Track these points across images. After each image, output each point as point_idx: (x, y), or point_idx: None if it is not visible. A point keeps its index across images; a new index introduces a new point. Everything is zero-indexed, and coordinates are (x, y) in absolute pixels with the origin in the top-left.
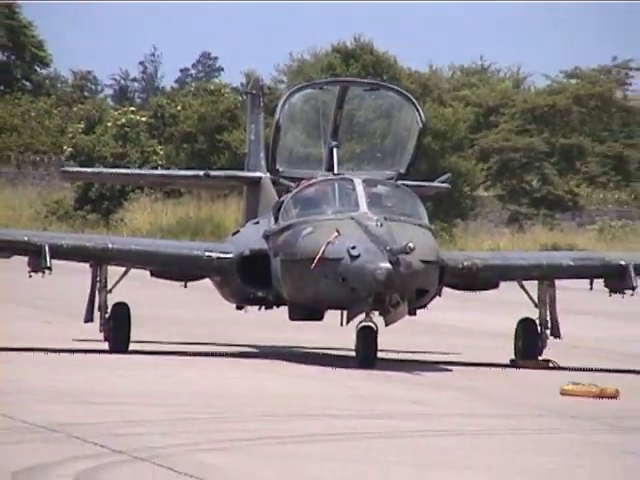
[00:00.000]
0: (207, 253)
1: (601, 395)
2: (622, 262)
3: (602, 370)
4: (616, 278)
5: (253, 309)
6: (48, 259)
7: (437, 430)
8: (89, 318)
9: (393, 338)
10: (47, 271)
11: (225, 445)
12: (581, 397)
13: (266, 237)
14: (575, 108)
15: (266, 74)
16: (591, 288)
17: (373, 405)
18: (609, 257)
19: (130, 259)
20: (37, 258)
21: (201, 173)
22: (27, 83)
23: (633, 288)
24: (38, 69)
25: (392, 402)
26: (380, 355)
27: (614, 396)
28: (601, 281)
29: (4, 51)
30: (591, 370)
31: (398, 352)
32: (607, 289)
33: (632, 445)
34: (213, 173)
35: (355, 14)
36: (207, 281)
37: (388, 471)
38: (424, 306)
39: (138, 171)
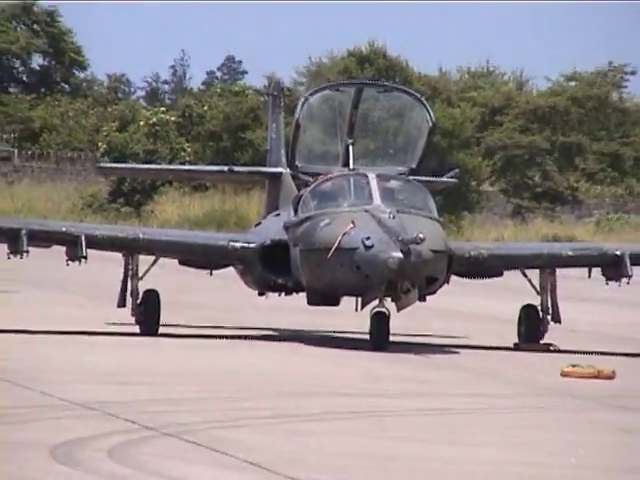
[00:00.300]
0: (231, 243)
1: (598, 376)
2: (618, 252)
3: (599, 353)
4: (612, 267)
5: (274, 295)
6: (84, 248)
7: (445, 408)
8: (121, 303)
9: (404, 322)
10: (83, 260)
11: (246, 422)
12: (580, 378)
13: (286, 228)
14: (574, 109)
15: (286, 76)
16: (589, 276)
17: (385, 385)
18: (606, 247)
19: (160, 249)
20: (74, 248)
21: (226, 169)
22: (66, 86)
23: (628, 276)
24: (76, 73)
25: (403, 382)
26: (392, 338)
27: (611, 377)
28: (598, 270)
29: (45, 56)
30: (589, 353)
31: (409, 335)
32: (604, 277)
33: (627, 422)
34: (237, 169)
35: (370, 21)
36: (231, 269)
37: (398, 446)
38: (433, 292)
39: (167, 167)
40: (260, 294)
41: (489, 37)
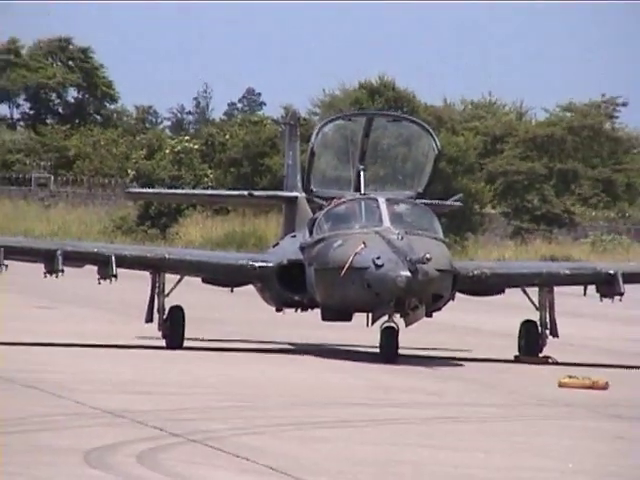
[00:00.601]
0: (251, 262)
1: (593, 386)
2: (611, 271)
3: (594, 365)
4: (606, 285)
5: (290, 311)
6: (114, 268)
7: (451, 417)
8: (149, 319)
9: (413, 337)
10: (113, 278)
11: (266, 429)
12: (576, 388)
13: (302, 249)
14: (570, 138)
15: (302, 107)
16: (585, 294)
17: (395, 395)
18: (600, 267)
19: (184, 268)
20: (105, 267)
21: (246, 193)
22: (98, 117)
23: (621, 294)
24: (108, 105)
25: (411, 392)
26: (401, 352)
27: (604, 387)
28: (593, 287)
29: (79, 90)
30: (585, 365)
31: (417, 349)
32: (598, 294)
33: (620, 430)
34: (256, 193)
35: (379, 56)
36: (250, 287)
37: (409, 453)
38: (439, 309)
39: (191, 191)
40: (277, 310)
41: (491, 70)
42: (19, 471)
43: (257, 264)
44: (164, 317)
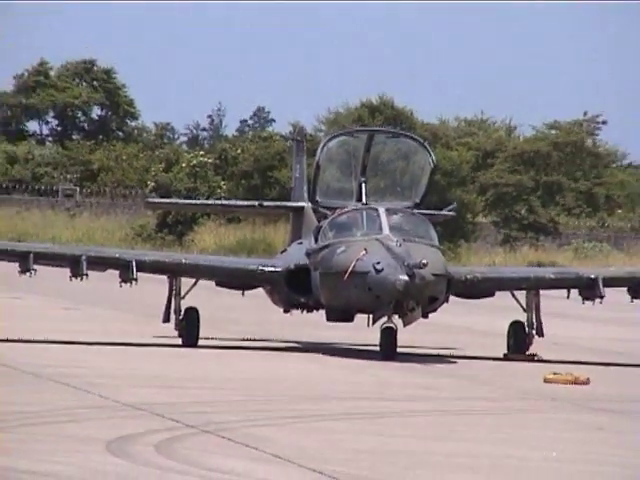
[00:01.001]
0: (260, 267)
1: (576, 382)
2: (592, 276)
3: (577, 362)
4: (588, 289)
5: (297, 312)
6: (134, 272)
7: (445, 410)
8: (166, 319)
9: (410, 336)
10: (133, 282)
11: (274, 421)
12: (560, 384)
13: (308, 254)
14: (555, 153)
15: (308, 124)
16: (568, 297)
17: (394, 390)
18: (582, 272)
19: (199, 272)
20: (126, 271)
21: (256, 203)
22: (120, 133)
23: (602, 297)
24: (129, 122)
25: (408, 387)
26: (399, 350)
27: (586, 383)
28: (576, 291)
29: (103, 108)
30: (568, 362)
31: (414, 347)
32: (581, 297)
33: (600, 422)
34: (266, 203)
35: (380, 76)
36: (260, 290)
37: (407, 443)
38: (435, 310)
39: (206, 202)
40: (285, 311)
41: (483, 91)
42: (45, 458)
43: (266, 269)
44: (180, 318)
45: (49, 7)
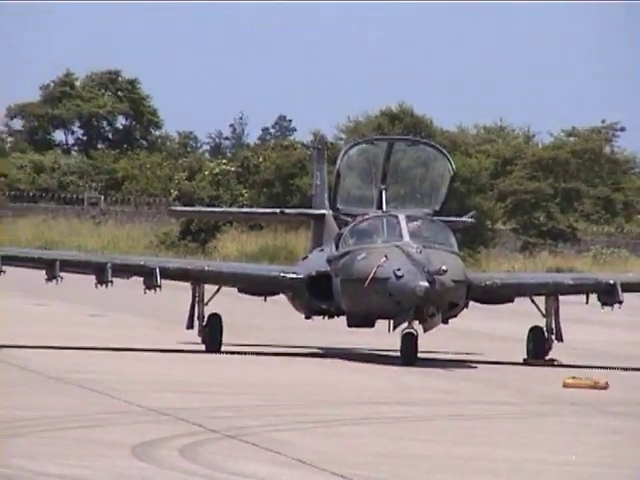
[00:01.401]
0: (282, 274)
1: (595, 386)
2: (611, 281)
3: (596, 367)
4: (607, 294)
5: (318, 318)
6: (159, 279)
7: (465, 414)
8: (190, 325)
9: (430, 341)
10: (158, 288)
11: (296, 426)
12: (579, 388)
13: (329, 261)
14: (573, 160)
15: (329, 133)
16: (587, 302)
17: (414, 394)
18: (601, 277)
19: (222, 279)
20: (150, 278)
21: (278, 211)
22: (144, 142)
23: (620, 302)
24: (153, 131)
25: (428, 392)
26: (420, 355)
27: (605, 387)
28: (595, 296)
29: (127, 118)
30: (587, 367)
31: (434, 352)
32: (600, 303)
33: (618, 426)
34: (287, 211)
35: (400, 85)
36: (282, 296)
37: (427, 447)
38: (455, 316)
39: (228, 209)
40: (307, 317)
41: (502, 98)
42: (72, 463)
43: (288, 275)
44: (204, 324)
45: (74, 17)
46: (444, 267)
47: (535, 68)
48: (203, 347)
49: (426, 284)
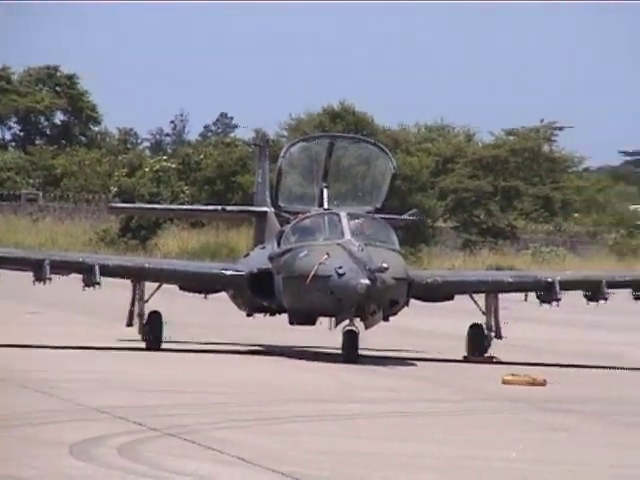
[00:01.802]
0: (223, 271)
1: (533, 383)
2: (549, 279)
3: (534, 364)
4: (545, 292)
5: (260, 316)
6: (98, 276)
7: (407, 412)
8: (130, 323)
9: (372, 339)
10: (97, 285)
11: (236, 424)
12: (518, 385)
13: (271, 259)
14: (513, 159)
15: (271, 130)
16: (526, 299)
17: (356, 392)
18: (540, 275)
19: (162, 276)
20: (89, 275)
21: (219, 208)
22: (83, 138)
23: (558, 300)
24: (92, 127)
25: (369, 389)
26: (361, 352)
27: (543, 384)
28: (534, 294)
29: (66, 113)
30: (526, 364)
31: (375, 350)
32: (539, 300)
33: (557, 422)
34: (229, 208)
35: (342, 83)
36: (223, 293)
37: (369, 444)
38: (395, 314)
39: (169, 206)
40: (248, 315)
41: (443, 96)
42: (9, 462)
43: (229, 272)
44: (144, 321)
45: (10, 11)
46: (385, 265)
47: (476, 68)
48: (143, 345)
49: (367, 282)
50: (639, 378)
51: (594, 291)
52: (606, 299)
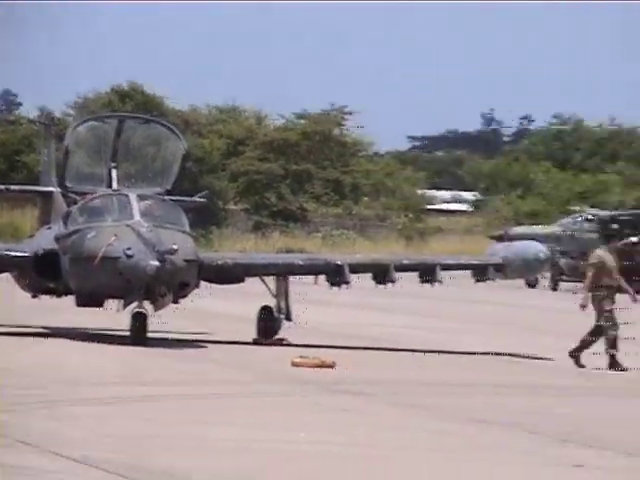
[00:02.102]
0: (7, 252)
1: (322, 365)
2: (339, 262)
3: (324, 346)
4: (335, 275)
5: (46, 297)
6: None
7: (197, 394)
8: None
9: (161, 321)
10: None
11: (20, 407)
12: (307, 367)
13: (57, 239)
14: (304, 142)
15: (57, 108)
16: (316, 282)
17: (145, 374)
18: (330, 258)
19: None
20: None
21: (2, 187)
22: None
23: (347, 282)
24: None
25: (161, 372)
26: (150, 335)
27: (331, 366)
28: (324, 277)
29: None
30: (315, 346)
31: (165, 332)
32: (328, 283)
33: (346, 403)
34: (12, 187)
35: (131, 64)
36: (7, 275)
37: (155, 427)
38: (186, 296)
39: None
40: (33, 296)
41: (236, 79)
42: None
43: (13, 253)
44: None
45: None
46: (175, 246)
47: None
48: None
49: (157, 263)
50: (420, 360)
51: (383, 274)
52: (394, 282)
